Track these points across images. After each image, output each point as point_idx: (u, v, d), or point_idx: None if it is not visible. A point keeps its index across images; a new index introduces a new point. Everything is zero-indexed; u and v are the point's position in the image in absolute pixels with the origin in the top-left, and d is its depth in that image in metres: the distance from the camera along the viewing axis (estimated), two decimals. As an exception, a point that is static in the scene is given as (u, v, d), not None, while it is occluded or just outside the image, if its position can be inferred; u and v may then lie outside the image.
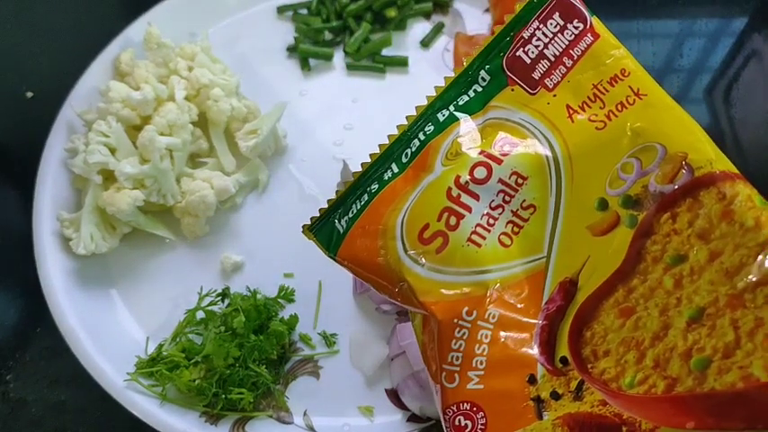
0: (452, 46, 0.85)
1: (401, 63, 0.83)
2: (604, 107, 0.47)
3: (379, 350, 0.64)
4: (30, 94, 0.85)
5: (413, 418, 0.62)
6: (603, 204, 0.46)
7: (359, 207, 0.51)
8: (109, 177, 0.69)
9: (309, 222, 0.55)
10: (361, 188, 0.52)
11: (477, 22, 0.86)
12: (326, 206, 0.54)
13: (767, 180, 0.72)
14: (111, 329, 0.67)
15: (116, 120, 0.69)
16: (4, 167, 0.82)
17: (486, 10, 0.86)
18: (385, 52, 0.84)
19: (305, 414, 0.63)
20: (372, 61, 0.83)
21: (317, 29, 0.84)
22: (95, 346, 0.64)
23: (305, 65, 0.83)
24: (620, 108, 0.47)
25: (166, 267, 0.71)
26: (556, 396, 0.44)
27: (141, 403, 0.61)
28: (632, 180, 0.45)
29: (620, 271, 0.45)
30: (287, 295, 0.68)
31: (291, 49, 0.84)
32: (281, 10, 0.87)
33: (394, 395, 0.63)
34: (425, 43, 0.85)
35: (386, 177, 0.51)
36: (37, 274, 0.67)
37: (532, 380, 0.45)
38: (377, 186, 0.51)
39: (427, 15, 0.87)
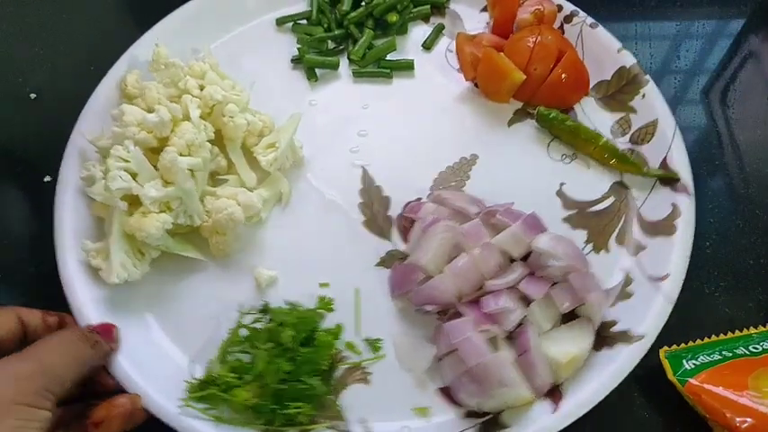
0: (454, 46, 0.86)
1: (407, 67, 0.83)
2: None
3: (427, 350, 0.65)
4: (33, 96, 0.86)
5: (470, 413, 0.63)
6: None
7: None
8: (132, 203, 0.68)
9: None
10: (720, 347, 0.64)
11: (475, 22, 0.88)
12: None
13: (764, 181, 0.76)
14: (152, 356, 0.65)
15: (133, 143, 0.68)
16: (7, 168, 0.81)
17: (483, 9, 0.87)
18: (387, 57, 0.85)
19: (361, 421, 0.63)
20: (378, 67, 0.84)
21: (320, 38, 0.84)
22: (141, 374, 0.63)
23: (312, 75, 0.83)
24: None
25: (199, 288, 0.70)
26: None
27: (198, 428, 0.60)
28: None
29: None
30: (326, 305, 0.68)
31: (296, 61, 0.84)
32: (280, 22, 0.87)
33: (447, 393, 0.64)
34: (427, 46, 0.86)
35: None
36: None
37: None
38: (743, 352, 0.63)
39: (426, 18, 0.88)
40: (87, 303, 0.66)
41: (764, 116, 0.82)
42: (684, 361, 0.63)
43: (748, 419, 0.58)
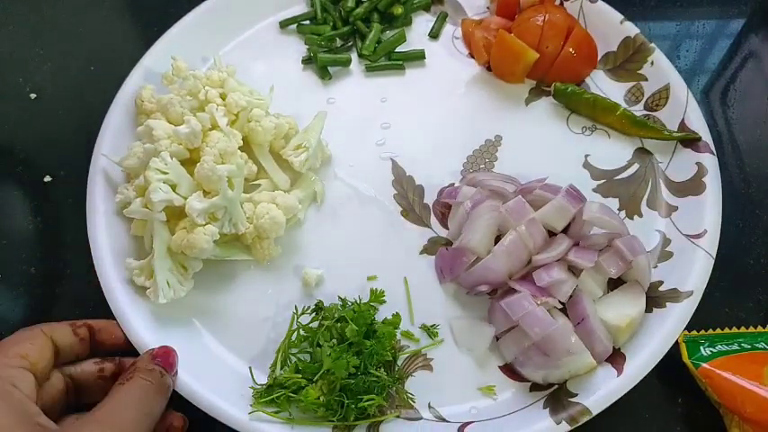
0: (459, 33, 0.87)
1: (419, 57, 0.84)
2: None
3: (485, 330, 0.66)
4: (33, 96, 0.86)
5: (534, 387, 0.64)
6: None
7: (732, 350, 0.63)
8: (171, 216, 0.67)
9: None
10: (741, 340, 0.64)
11: (475, 7, 0.89)
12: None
13: (764, 180, 0.78)
14: (210, 366, 0.65)
15: (169, 156, 0.67)
16: (7, 168, 0.81)
17: (480, -7, 0.89)
18: (396, 50, 0.85)
19: (430, 407, 0.64)
20: (389, 59, 0.84)
21: (329, 37, 0.84)
22: (204, 386, 0.62)
23: (325, 74, 0.83)
24: None
25: (245, 294, 0.70)
26: None
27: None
28: None
29: None
30: (378, 297, 0.68)
31: (307, 61, 0.84)
32: (284, 24, 0.87)
33: (509, 370, 0.65)
34: (434, 34, 0.87)
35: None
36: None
37: None
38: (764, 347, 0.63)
39: (427, 8, 0.89)
40: (137, 323, 0.65)
41: (764, 116, 0.82)
42: (702, 347, 0.63)
43: (759, 407, 0.59)
